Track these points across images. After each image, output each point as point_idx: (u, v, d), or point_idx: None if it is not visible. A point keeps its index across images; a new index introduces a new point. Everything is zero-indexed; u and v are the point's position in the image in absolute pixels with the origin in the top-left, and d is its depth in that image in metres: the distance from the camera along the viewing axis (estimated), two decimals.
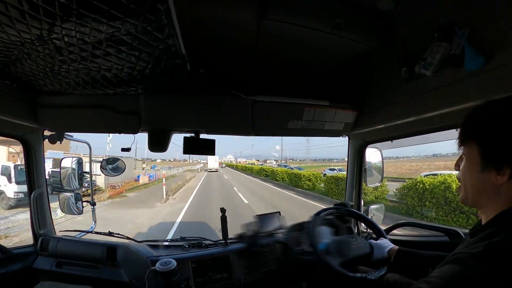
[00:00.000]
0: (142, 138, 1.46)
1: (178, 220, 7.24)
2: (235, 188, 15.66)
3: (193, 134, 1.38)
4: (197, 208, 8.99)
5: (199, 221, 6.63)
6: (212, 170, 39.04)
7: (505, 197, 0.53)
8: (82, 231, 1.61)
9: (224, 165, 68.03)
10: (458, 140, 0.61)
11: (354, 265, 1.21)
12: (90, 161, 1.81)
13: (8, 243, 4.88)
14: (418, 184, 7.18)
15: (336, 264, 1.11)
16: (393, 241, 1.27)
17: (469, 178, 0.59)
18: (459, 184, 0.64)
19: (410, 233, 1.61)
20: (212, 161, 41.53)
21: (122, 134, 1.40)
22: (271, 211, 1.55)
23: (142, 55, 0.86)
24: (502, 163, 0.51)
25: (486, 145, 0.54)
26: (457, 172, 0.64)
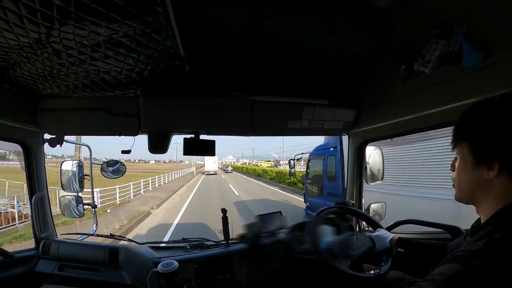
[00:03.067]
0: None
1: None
2: None
3: (193, 135, 1.38)
4: None
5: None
6: (211, 172, 33.97)
7: (498, 191, 0.55)
8: (84, 234, 1.61)
9: (230, 168, 45.01)
10: (452, 143, 0.64)
11: (360, 263, 1.22)
12: (91, 164, 1.81)
13: None
14: None
15: (347, 267, 1.11)
16: None
17: (463, 177, 0.62)
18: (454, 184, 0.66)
19: (411, 231, 1.62)
20: (210, 163, 35.59)
21: (123, 136, 1.41)
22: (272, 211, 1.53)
23: (140, 57, 0.86)
24: (491, 158, 0.54)
25: (475, 143, 0.57)
26: (453, 173, 0.66)
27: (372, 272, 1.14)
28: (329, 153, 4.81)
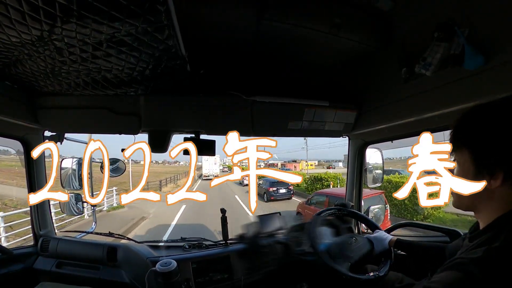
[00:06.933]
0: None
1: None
2: None
3: (193, 135, 1.38)
4: None
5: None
6: (210, 177, 25.47)
7: (500, 200, 0.52)
8: (83, 232, 1.61)
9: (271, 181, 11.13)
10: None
11: (360, 265, 1.22)
12: (90, 162, 1.80)
13: None
14: None
15: (346, 270, 1.10)
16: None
17: None
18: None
19: (410, 234, 1.62)
20: (208, 164, 27.61)
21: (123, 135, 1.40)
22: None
23: (142, 56, 0.86)
24: (495, 168, 0.51)
25: (478, 150, 0.54)
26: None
27: (372, 274, 1.14)
28: None
